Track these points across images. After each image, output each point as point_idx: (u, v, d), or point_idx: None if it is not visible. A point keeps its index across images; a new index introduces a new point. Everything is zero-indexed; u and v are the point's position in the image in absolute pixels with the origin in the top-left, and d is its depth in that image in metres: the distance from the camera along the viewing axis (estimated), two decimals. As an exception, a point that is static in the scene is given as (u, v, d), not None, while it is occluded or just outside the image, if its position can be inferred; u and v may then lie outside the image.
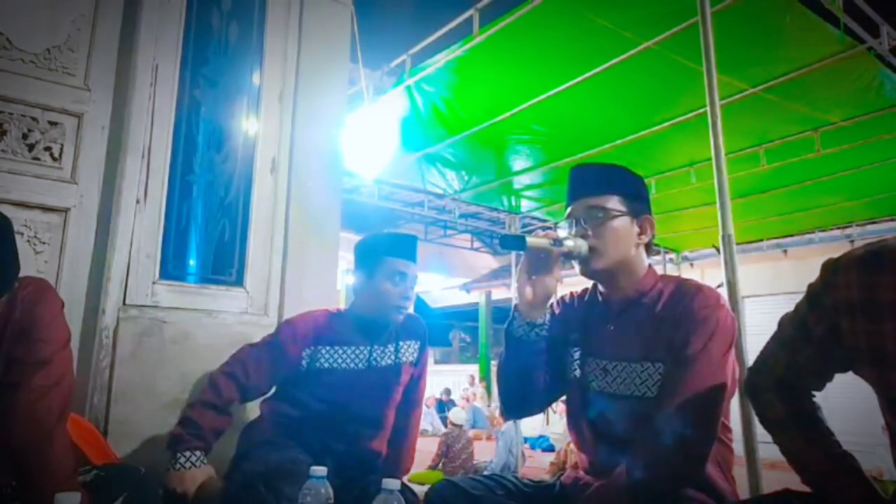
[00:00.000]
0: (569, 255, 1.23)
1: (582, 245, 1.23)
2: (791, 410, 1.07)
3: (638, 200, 1.29)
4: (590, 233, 1.25)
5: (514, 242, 1.20)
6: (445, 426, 6.64)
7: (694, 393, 1.10)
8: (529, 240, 1.19)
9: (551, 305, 1.34)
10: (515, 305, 1.29)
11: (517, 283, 1.28)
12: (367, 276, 1.70)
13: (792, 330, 1.06)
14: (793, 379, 1.07)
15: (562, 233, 1.26)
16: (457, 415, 6.14)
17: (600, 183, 1.29)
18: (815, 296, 1.00)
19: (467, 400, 9.58)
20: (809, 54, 3.24)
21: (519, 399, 1.35)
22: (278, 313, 2.15)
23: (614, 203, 1.26)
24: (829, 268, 0.98)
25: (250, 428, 1.69)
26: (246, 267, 2.13)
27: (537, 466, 6.14)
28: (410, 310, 1.78)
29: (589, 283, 1.38)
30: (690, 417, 1.09)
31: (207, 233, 2.08)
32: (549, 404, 1.41)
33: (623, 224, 1.26)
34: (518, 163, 4.98)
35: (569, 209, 1.31)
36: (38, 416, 1.19)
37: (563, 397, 1.39)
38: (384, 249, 1.69)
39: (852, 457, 1.00)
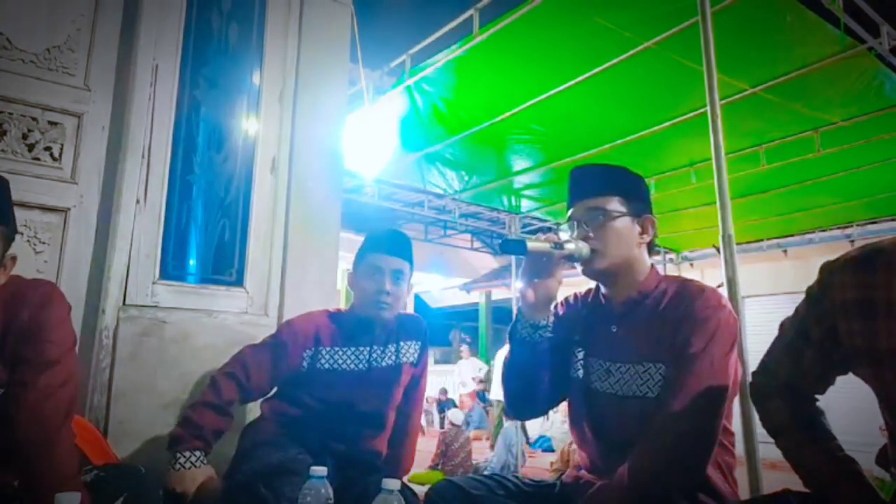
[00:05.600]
0: (570, 258, 1.23)
1: (583, 247, 1.23)
2: (795, 415, 1.07)
3: (638, 200, 1.30)
4: (591, 234, 1.25)
5: (514, 247, 1.21)
6: (444, 426, 6.65)
7: (695, 393, 1.10)
8: (530, 244, 1.19)
9: (555, 306, 1.34)
10: (519, 307, 1.30)
11: (519, 286, 1.28)
12: (354, 274, 1.73)
13: (793, 333, 1.07)
14: (796, 383, 1.08)
15: (563, 235, 1.26)
16: (455, 415, 6.15)
17: (600, 184, 1.29)
18: (813, 298, 1.02)
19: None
20: (810, 54, 3.24)
21: (524, 400, 1.36)
22: (278, 313, 2.15)
23: (615, 204, 1.26)
24: (826, 270, 1.00)
25: (251, 428, 1.69)
26: (246, 267, 2.13)
27: (538, 466, 6.14)
28: (410, 309, 1.78)
29: (591, 284, 1.38)
30: (692, 418, 1.10)
31: (207, 233, 2.08)
32: (555, 405, 1.41)
33: (624, 224, 1.26)
34: (518, 163, 4.98)
35: (569, 211, 1.31)
36: (46, 416, 1.20)
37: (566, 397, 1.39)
38: (365, 247, 1.73)
39: (854, 461, 1.01)
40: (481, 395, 9.57)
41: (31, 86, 1.85)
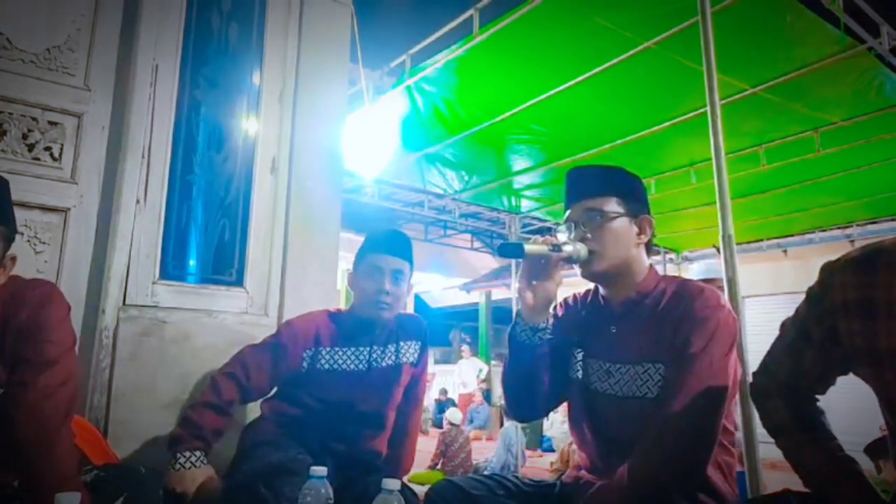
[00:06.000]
0: (568, 260, 1.23)
1: (581, 249, 1.23)
2: (795, 415, 1.08)
3: (636, 200, 1.29)
4: (589, 235, 1.25)
5: (512, 250, 1.21)
6: (442, 426, 6.64)
7: (695, 393, 1.10)
8: (528, 247, 1.19)
9: (554, 308, 1.34)
10: (518, 310, 1.29)
11: (518, 289, 1.28)
12: (353, 274, 1.73)
13: (793, 334, 1.07)
14: (797, 383, 1.08)
15: (561, 237, 1.26)
16: (454, 415, 6.14)
17: (597, 185, 1.29)
18: (813, 298, 1.02)
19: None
20: (810, 54, 3.23)
21: (524, 403, 1.35)
22: (278, 313, 2.15)
23: (612, 205, 1.26)
24: (827, 270, 1.00)
25: (251, 428, 1.69)
26: (246, 267, 2.13)
27: (538, 467, 6.14)
28: (410, 309, 1.78)
29: (590, 284, 1.38)
30: (691, 418, 1.10)
31: (207, 233, 2.08)
32: (555, 406, 1.41)
33: (622, 225, 1.26)
34: (518, 163, 4.97)
35: (567, 213, 1.31)
36: (45, 416, 1.20)
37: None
38: (365, 247, 1.73)
39: (854, 461, 1.01)
40: (486, 395, 9.58)
41: (31, 86, 1.85)
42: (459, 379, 10.46)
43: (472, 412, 9.05)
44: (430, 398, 10.11)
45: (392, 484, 1.13)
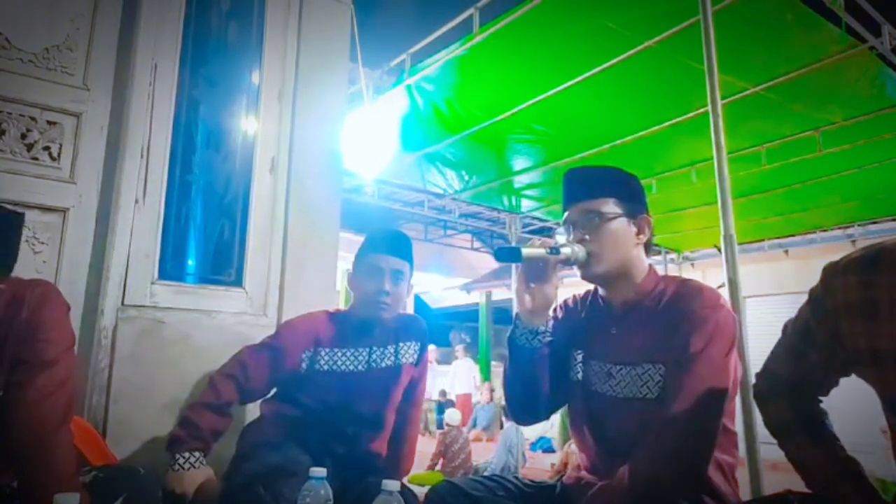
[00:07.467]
0: (567, 262, 1.22)
1: (579, 251, 1.22)
2: (798, 417, 1.07)
3: (634, 201, 1.29)
4: (587, 237, 1.24)
5: (509, 254, 1.20)
6: (442, 427, 6.64)
7: (694, 394, 1.10)
8: (525, 251, 1.18)
9: (553, 310, 1.33)
10: (517, 313, 1.29)
11: (516, 292, 1.27)
12: (353, 275, 1.72)
13: (796, 335, 1.07)
14: (799, 385, 1.07)
15: (560, 238, 1.26)
16: (452, 416, 6.13)
17: (595, 186, 1.29)
18: (815, 300, 1.02)
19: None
20: (811, 54, 3.23)
21: (526, 406, 1.35)
22: (277, 314, 2.15)
23: (610, 206, 1.25)
24: (829, 271, 0.99)
25: (250, 429, 1.69)
26: (245, 267, 2.12)
27: (538, 468, 6.13)
28: (410, 310, 1.78)
29: (590, 285, 1.37)
30: (691, 418, 1.09)
31: (206, 233, 2.07)
32: (557, 408, 1.40)
33: (620, 226, 1.25)
34: (518, 162, 4.97)
35: (565, 214, 1.31)
36: (43, 417, 1.19)
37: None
38: (365, 247, 1.72)
39: (856, 462, 1.01)
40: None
41: (29, 85, 1.85)
42: (454, 381, 10.45)
43: (478, 411, 9.04)
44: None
45: (392, 485, 1.13)
